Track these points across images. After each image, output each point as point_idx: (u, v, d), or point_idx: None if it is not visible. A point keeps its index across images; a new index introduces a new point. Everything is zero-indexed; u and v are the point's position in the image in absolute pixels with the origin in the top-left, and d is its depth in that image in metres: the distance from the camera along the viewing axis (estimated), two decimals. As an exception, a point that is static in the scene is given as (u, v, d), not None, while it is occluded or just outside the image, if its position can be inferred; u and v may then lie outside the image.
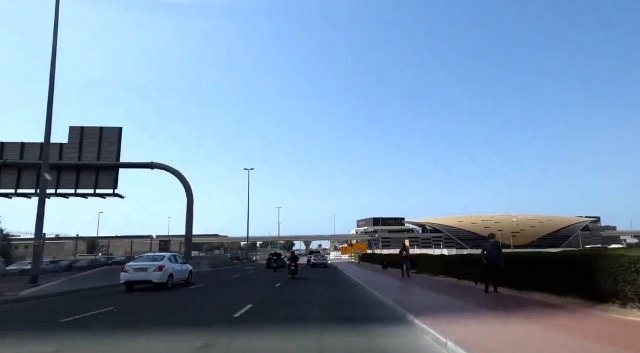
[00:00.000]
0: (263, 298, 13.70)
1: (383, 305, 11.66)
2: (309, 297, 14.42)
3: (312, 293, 15.71)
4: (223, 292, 17.01)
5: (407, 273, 22.43)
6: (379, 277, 24.19)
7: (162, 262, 17.06)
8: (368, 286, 17.41)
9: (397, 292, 14.98)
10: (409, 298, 12.84)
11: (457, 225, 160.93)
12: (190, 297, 14.66)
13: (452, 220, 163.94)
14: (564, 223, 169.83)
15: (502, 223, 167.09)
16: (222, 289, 18.14)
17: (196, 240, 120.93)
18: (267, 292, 16.21)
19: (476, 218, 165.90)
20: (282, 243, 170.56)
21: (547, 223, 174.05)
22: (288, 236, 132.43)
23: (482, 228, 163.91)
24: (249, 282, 22.86)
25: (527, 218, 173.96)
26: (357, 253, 48.50)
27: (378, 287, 16.85)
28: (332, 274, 29.74)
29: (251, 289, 17.97)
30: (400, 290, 15.78)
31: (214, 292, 16.67)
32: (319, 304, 12.37)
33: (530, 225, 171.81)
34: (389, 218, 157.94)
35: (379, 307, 11.20)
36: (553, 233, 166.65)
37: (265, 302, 12.74)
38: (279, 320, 9.40)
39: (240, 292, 16.60)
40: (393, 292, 14.85)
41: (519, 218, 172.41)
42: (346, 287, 18.43)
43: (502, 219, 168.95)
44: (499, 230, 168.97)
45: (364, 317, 9.63)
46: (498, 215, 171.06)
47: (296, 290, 16.95)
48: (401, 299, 12.17)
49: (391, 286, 17.62)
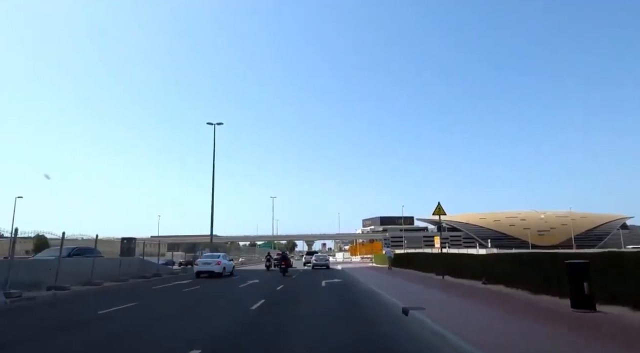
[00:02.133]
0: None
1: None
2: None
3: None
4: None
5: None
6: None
7: (219, 259, 24.82)
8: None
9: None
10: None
11: (478, 222, 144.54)
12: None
13: (472, 218, 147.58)
14: (599, 220, 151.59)
15: (529, 220, 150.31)
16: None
17: (176, 240, 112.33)
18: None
19: (500, 216, 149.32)
20: (284, 244, 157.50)
21: (580, 220, 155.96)
22: (287, 235, 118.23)
23: (506, 227, 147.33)
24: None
25: (557, 215, 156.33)
26: (386, 254, 30.62)
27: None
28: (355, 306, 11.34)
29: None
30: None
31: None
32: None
33: (562, 223, 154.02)
34: (397, 217, 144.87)
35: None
36: (587, 232, 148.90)
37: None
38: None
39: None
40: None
41: (547, 216, 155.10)
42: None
43: (529, 216, 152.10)
44: (525, 228, 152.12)
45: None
46: (524, 211, 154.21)
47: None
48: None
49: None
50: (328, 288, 16.54)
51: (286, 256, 27.28)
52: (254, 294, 13.75)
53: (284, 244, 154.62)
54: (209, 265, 23.92)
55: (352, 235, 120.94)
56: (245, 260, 63.64)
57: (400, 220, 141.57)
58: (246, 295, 13.64)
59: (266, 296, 12.91)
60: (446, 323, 6.80)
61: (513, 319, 7.54)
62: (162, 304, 11.75)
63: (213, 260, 24.39)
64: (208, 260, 24.43)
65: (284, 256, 26.94)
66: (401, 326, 7.54)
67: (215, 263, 23.98)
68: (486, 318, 7.60)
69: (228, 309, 10.40)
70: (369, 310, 9.82)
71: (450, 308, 9.12)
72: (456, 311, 8.58)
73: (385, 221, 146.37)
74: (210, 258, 24.79)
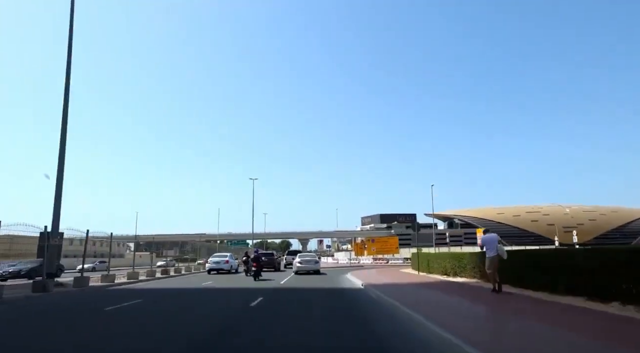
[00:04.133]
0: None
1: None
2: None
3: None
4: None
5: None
6: None
7: (227, 258, 29.31)
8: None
9: None
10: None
11: (496, 218, 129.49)
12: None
13: (489, 213, 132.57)
14: (632, 215, 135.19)
15: (552, 215, 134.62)
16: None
17: (165, 238, 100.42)
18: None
19: (519, 210, 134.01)
20: (279, 244, 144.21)
21: (610, 215, 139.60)
22: (278, 233, 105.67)
23: (528, 223, 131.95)
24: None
25: (583, 209, 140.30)
26: (487, 250, 9.53)
27: None
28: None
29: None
30: None
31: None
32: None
33: (589, 219, 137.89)
34: (398, 215, 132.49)
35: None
36: (619, 228, 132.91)
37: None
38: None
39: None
40: None
41: (573, 210, 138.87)
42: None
43: (552, 211, 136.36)
44: (548, 224, 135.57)
45: None
46: (547, 206, 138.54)
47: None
48: None
49: None
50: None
51: (259, 257, 21.80)
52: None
53: (277, 244, 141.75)
54: (219, 264, 28.57)
55: (351, 233, 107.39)
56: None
57: (401, 217, 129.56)
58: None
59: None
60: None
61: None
62: None
63: (222, 259, 28.99)
64: (218, 260, 28.97)
65: (256, 256, 21.53)
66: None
67: (224, 262, 28.65)
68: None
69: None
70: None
71: None
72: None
73: (386, 218, 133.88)
74: (219, 258, 29.42)
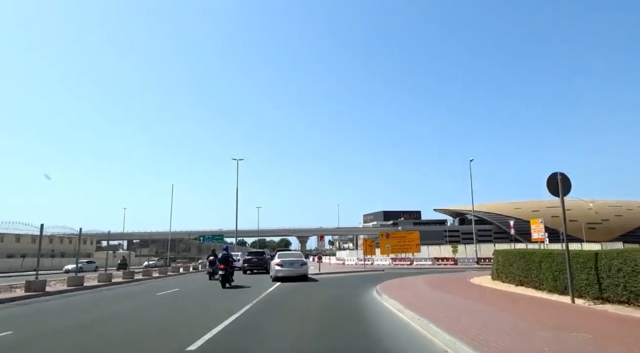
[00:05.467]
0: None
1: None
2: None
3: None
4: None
5: None
6: None
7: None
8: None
9: None
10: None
11: (513, 213, 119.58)
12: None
13: (505, 208, 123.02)
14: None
15: (575, 211, 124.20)
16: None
17: (155, 236, 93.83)
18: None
19: (538, 205, 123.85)
20: (277, 242, 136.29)
21: (637, 211, 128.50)
22: (275, 230, 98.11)
23: (547, 218, 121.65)
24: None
25: (608, 204, 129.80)
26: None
27: None
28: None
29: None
30: None
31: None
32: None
33: (615, 214, 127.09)
34: (402, 212, 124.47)
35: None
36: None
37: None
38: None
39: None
40: None
41: (597, 205, 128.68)
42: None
43: (574, 206, 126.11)
44: (571, 220, 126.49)
45: None
46: (568, 200, 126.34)
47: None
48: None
49: None
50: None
51: (228, 257, 17.15)
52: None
53: (277, 242, 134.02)
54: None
55: (354, 230, 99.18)
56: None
57: (405, 215, 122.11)
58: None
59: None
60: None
61: None
62: None
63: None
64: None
65: (225, 256, 17.04)
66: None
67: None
68: None
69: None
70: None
71: None
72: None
73: (389, 216, 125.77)
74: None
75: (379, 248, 40.09)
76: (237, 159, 45.57)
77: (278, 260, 20.01)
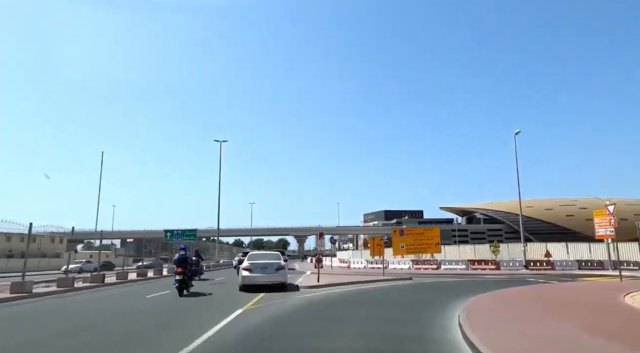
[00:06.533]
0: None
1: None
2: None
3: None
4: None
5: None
6: None
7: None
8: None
9: None
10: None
11: (525, 212, 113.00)
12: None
13: (516, 206, 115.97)
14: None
15: (590, 209, 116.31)
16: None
17: (144, 235, 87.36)
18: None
19: (552, 203, 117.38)
20: (276, 243, 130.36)
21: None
22: (269, 228, 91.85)
23: (562, 218, 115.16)
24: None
25: (626, 203, 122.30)
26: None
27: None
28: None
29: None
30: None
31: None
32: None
33: (635, 213, 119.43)
34: (404, 211, 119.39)
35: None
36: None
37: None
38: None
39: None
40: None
41: (615, 203, 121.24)
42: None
43: (591, 204, 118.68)
44: (587, 219, 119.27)
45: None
46: (583, 198, 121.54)
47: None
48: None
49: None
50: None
51: (185, 258, 14.85)
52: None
53: (275, 242, 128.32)
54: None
55: (355, 229, 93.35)
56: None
57: (407, 214, 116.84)
58: None
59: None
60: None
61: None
62: None
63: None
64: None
65: (181, 258, 14.80)
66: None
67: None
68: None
69: None
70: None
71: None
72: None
73: (390, 215, 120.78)
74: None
75: (392, 247, 33.62)
76: (219, 141, 40.21)
77: (246, 264, 15.91)
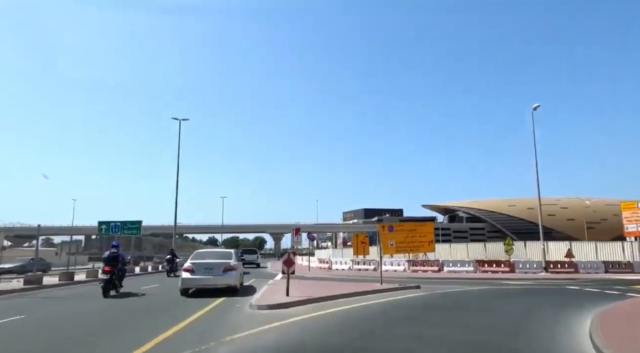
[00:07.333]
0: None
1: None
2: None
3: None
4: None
5: None
6: None
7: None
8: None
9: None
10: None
11: (507, 211, 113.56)
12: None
13: (499, 205, 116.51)
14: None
15: (572, 209, 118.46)
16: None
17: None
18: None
19: (534, 202, 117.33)
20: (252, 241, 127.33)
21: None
22: (243, 225, 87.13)
23: (544, 217, 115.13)
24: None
25: (606, 203, 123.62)
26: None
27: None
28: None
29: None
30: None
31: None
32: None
33: (613, 213, 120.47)
34: (383, 210, 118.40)
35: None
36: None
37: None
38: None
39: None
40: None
41: (594, 203, 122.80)
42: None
43: (572, 204, 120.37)
44: (568, 219, 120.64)
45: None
46: (565, 198, 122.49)
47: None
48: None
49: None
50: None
51: (115, 256, 14.23)
52: None
53: (251, 240, 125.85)
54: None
55: (334, 227, 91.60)
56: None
57: (387, 213, 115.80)
58: None
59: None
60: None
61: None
62: None
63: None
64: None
65: (111, 255, 14.17)
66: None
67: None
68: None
69: None
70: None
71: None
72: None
73: (370, 213, 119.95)
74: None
75: (380, 245, 28.18)
76: (179, 119, 36.51)
77: (188, 264, 13.77)
